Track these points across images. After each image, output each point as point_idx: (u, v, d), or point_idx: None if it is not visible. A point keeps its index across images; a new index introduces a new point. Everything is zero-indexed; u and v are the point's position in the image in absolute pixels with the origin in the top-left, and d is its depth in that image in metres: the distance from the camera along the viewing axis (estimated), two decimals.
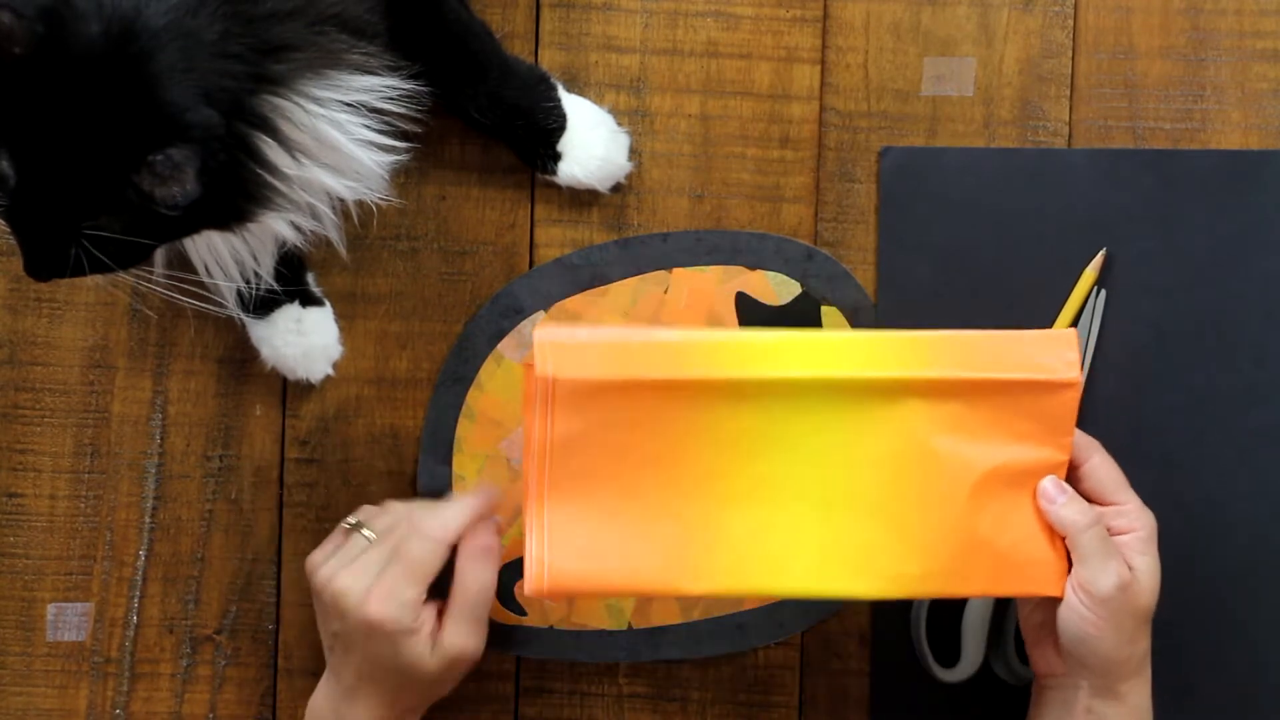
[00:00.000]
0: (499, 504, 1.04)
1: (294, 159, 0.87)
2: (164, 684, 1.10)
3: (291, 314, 1.06)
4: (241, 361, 1.09)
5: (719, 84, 1.09)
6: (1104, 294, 1.08)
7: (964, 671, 1.08)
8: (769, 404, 0.99)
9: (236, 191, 0.87)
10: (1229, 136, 1.09)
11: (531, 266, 1.10)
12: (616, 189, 1.08)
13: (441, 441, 1.09)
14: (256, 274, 0.98)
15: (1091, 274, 1.08)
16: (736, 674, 1.10)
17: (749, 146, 1.09)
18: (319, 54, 0.87)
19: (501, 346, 1.10)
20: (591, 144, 1.05)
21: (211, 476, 1.10)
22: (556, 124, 1.04)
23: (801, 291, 1.10)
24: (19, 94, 0.82)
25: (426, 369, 1.10)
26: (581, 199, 1.09)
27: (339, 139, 0.88)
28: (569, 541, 0.99)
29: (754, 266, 1.10)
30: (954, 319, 1.05)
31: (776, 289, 1.10)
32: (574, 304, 1.10)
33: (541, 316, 1.10)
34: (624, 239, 1.10)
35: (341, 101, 0.88)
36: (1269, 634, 1.09)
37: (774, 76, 1.09)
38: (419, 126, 0.94)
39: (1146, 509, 1.00)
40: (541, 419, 0.98)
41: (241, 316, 1.05)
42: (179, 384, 1.10)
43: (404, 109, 0.91)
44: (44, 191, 0.84)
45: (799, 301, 1.10)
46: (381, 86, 0.89)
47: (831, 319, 1.10)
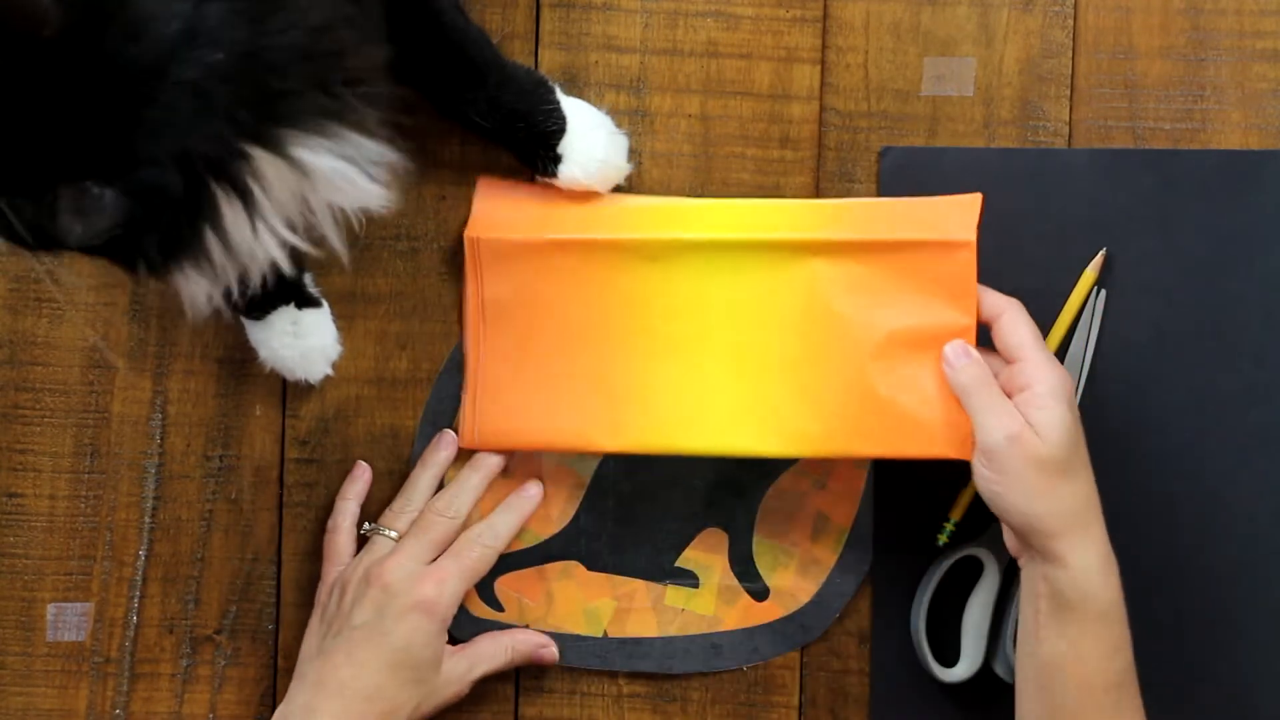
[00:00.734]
0: (540, 500, 1.09)
1: (254, 229, 0.84)
2: (164, 684, 1.10)
3: (288, 316, 1.06)
4: (241, 361, 1.09)
5: (719, 84, 1.09)
6: (1104, 294, 1.08)
7: (964, 671, 1.08)
8: (682, 266, 1.05)
9: (166, 247, 0.83)
10: (1229, 136, 1.09)
11: None
12: (616, 189, 1.08)
13: (440, 429, 1.09)
14: (243, 280, 0.96)
15: (1091, 274, 1.08)
16: (736, 674, 1.10)
17: (749, 146, 1.09)
18: (324, 117, 0.84)
19: None
20: (591, 146, 1.05)
21: (211, 476, 1.10)
22: (556, 126, 1.04)
23: None
24: (27, 71, 0.80)
25: (426, 369, 1.10)
26: None
27: (319, 200, 0.87)
28: (498, 399, 1.07)
29: None
30: None
31: None
32: None
33: None
34: None
35: (334, 162, 0.85)
36: (1268, 634, 1.09)
37: (774, 76, 1.09)
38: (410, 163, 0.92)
39: (1054, 364, 0.99)
40: (473, 280, 1.07)
41: (231, 316, 1.05)
42: (179, 384, 1.10)
43: (397, 156, 0.89)
44: None
45: None
46: (377, 151, 0.87)
47: None
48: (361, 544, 1.08)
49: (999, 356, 1.01)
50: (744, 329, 1.05)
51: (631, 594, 1.09)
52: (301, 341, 1.06)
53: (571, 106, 1.05)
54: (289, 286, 1.05)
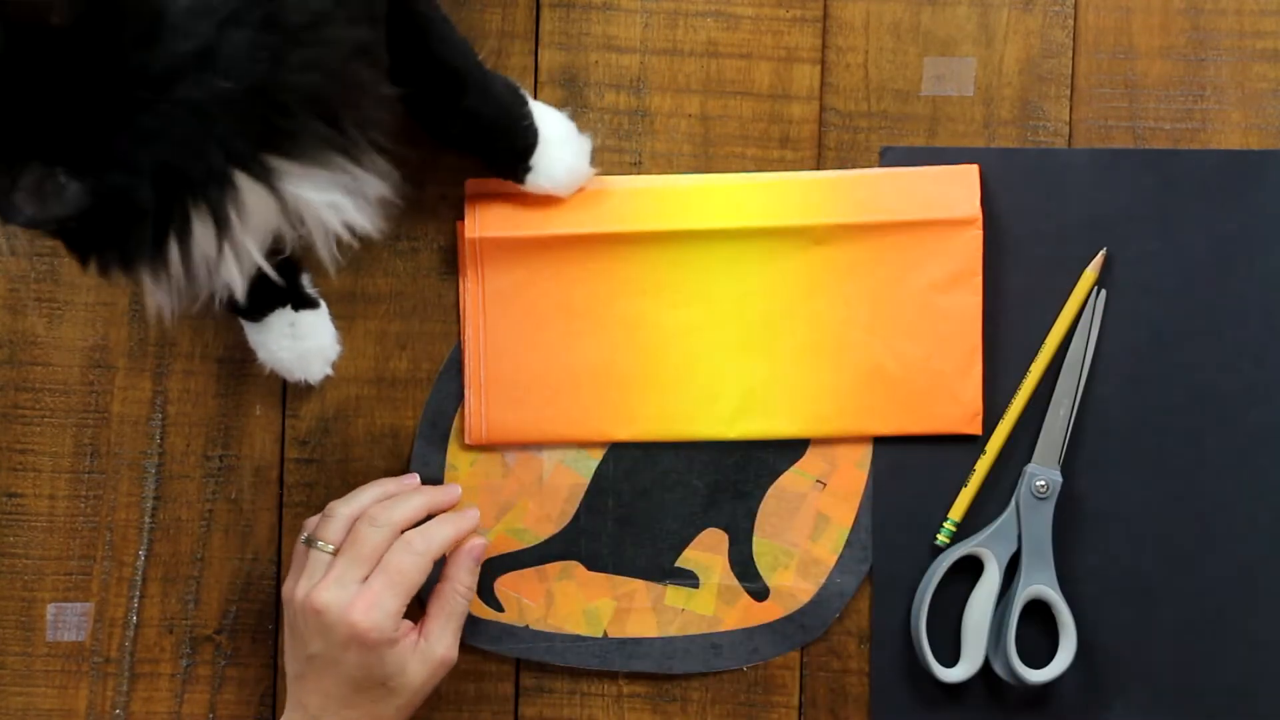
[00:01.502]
0: (477, 525, 1.07)
1: (220, 252, 0.82)
2: (164, 684, 1.10)
3: (285, 318, 1.05)
4: (241, 361, 1.09)
5: (719, 84, 1.09)
6: (1104, 294, 1.08)
7: (964, 671, 1.08)
8: (687, 254, 1.07)
9: (122, 252, 0.82)
10: (1229, 136, 1.09)
11: None
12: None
13: (440, 429, 1.09)
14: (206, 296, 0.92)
15: (1091, 274, 1.08)
16: (736, 674, 1.10)
17: (749, 146, 1.09)
18: (325, 149, 0.83)
19: None
20: (560, 157, 1.05)
21: (211, 476, 1.10)
22: (532, 141, 1.04)
23: None
24: (28, 53, 0.80)
25: (426, 369, 1.10)
26: None
27: (310, 219, 0.85)
28: (505, 393, 1.08)
29: None
30: None
31: None
32: None
33: None
34: None
35: (327, 196, 0.85)
36: (1268, 634, 1.09)
37: (774, 76, 1.09)
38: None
39: None
40: (473, 280, 1.07)
41: (224, 315, 1.05)
42: (179, 384, 1.10)
43: (394, 186, 0.89)
44: None
45: None
46: (375, 184, 0.86)
47: None
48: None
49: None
50: (751, 314, 1.07)
51: (631, 594, 1.09)
52: (299, 343, 1.06)
53: (541, 115, 1.05)
54: (285, 288, 1.05)
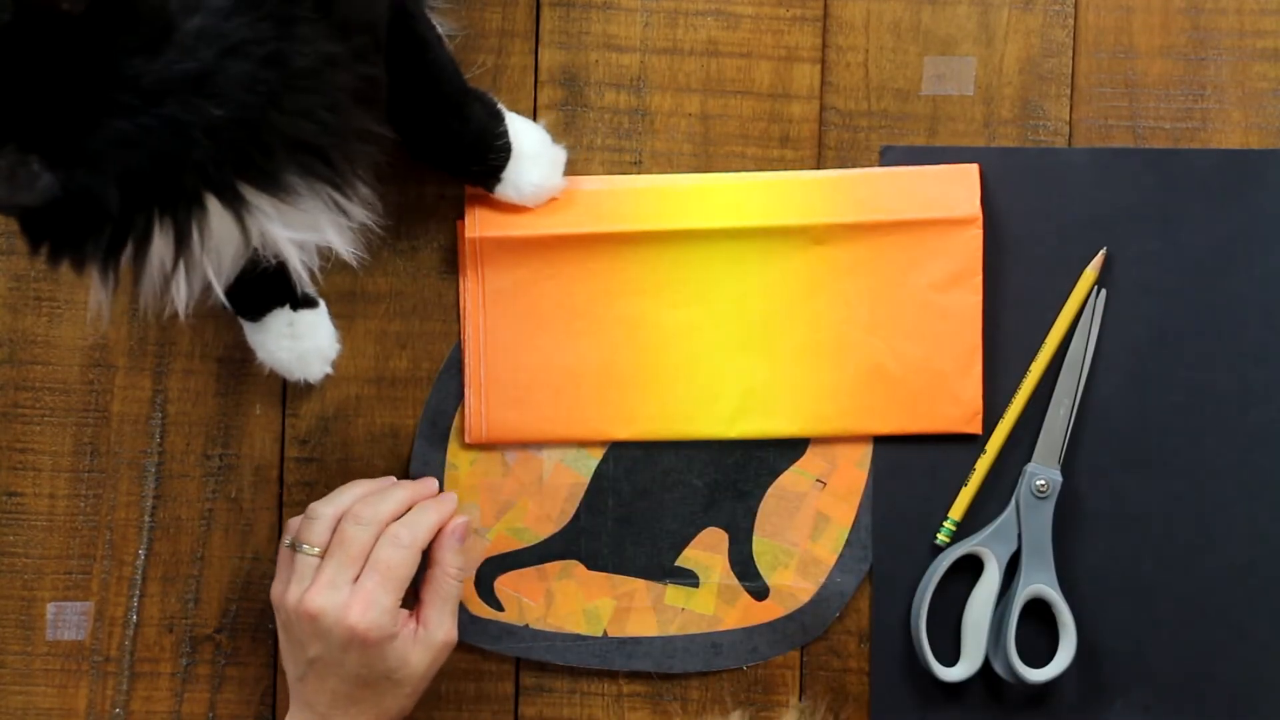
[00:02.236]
0: (457, 508, 1.07)
1: (174, 268, 0.82)
2: (164, 683, 1.10)
3: (284, 317, 1.05)
4: (241, 361, 1.09)
5: (719, 83, 1.09)
6: (1104, 294, 1.08)
7: (964, 671, 1.08)
8: (687, 254, 1.07)
9: (75, 248, 0.81)
10: (1229, 136, 1.09)
11: None
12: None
13: (439, 428, 1.09)
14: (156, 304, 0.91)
15: (1091, 274, 1.08)
16: (736, 674, 1.10)
17: (749, 146, 1.09)
18: (309, 182, 0.83)
19: None
20: (530, 171, 1.05)
21: (211, 476, 1.10)
22: (504, 159, 1.04)
23: None
24: (36, 35, 0.79)
25: (426, 369, 1.10)
26: None
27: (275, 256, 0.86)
28: (505, 393, 1.08)
29: None
30: None
31: None
32: None
33: None
34: None
35: (301, 234, 0.85)
36: (1269, 634, 1.09)
37: (774, 76, 1.09)
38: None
39: None
40: (473, 279, 1.07)
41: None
42: (179, 383, 1.10)
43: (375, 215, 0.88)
44: None
45: None
46: (358, 213, 0.86)
47: None
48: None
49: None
50: (751, 313, 1.07)
51: (631, 594, 1.09)
52: (298, 342, 1.06)
53: (516, 129, 1.04)
54: (283, 288, 1.04)
